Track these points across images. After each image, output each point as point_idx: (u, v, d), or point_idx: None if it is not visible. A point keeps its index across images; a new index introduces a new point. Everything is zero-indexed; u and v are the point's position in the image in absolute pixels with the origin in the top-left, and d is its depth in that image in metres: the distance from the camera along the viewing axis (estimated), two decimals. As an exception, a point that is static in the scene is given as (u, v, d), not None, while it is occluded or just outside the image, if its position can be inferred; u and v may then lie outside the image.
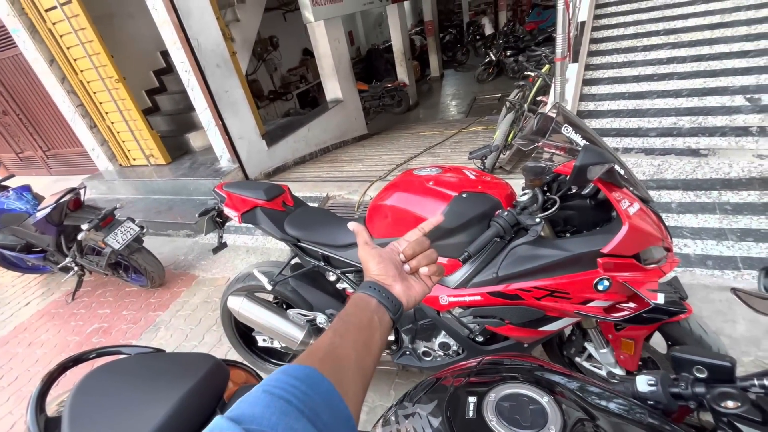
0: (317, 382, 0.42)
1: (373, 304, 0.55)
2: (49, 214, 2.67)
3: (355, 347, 0.49)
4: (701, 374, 0.68)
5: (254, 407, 0.37)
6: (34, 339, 2.94)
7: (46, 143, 6.31)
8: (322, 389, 0.41)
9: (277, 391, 0.38)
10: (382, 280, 0.58)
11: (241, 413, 0.36)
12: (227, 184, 1.75)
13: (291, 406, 0.37)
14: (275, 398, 0.38)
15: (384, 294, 0.56)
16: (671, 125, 2.91)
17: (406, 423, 0.70)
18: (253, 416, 0.35)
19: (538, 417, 0.61)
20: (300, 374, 0.41)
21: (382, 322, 0.54)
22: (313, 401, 0.39)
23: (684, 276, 2.04)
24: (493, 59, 9.48)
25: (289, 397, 0.38)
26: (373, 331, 0.52)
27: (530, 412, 0.62)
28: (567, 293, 1.16)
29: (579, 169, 0.98)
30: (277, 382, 0.40)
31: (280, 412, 0.36)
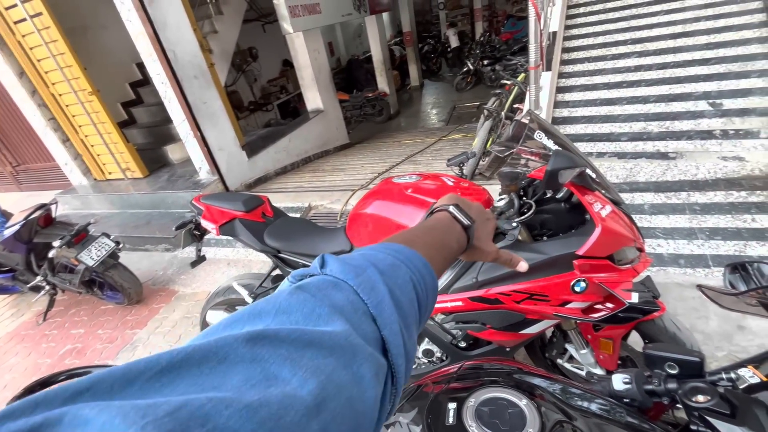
0: (414, 255, 0.40)
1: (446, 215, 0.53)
2: (18, 231, 2.56)
3: (436, 245, 0.47)
4: (673, 370, 0.70)
5: (402, 295, 0.34)
6: (3, 363, 2.79)
7: (15, 158, 6.08)
8: (416, 260, 0.40)
9: (416, 285, 0.37)
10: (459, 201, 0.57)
11: (393, 288, 0.34)
12: (205, 196, 1.73)
13: (417, 299, 0.37)
14: (413, 289, 0.36)
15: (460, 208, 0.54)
16: (641, 130, 3.03)
17: (386, 430, 0.69)
18: (400, 303, 0.33)
19: (516, 420, 0.62)
20: (395, 248, 0.40)
21: (458, 235, 0.52)
22: (414, 265, 0.39)
23: (658, 275, 2.10)
24: (471, 68, 9.69)
25: (419, 290, 0.37)
26: (451, 239, 0.51)
27: (509, 415, 0.63)
28: (545, 296, 1.18)
29: (551, 174, 1.00)
30: (417, 273, 0.38)
31: (411, 304, 0.35)
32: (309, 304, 0.28)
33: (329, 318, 0.27)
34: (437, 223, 0.52)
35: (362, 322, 0.29)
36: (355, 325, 0.28)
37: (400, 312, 0.32)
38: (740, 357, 1.62)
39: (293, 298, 0.28)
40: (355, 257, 0.36)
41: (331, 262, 0.34)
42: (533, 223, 1.30)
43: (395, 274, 0.36)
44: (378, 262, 0.36)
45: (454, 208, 0.55)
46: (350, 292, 0.31)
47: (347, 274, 0.32)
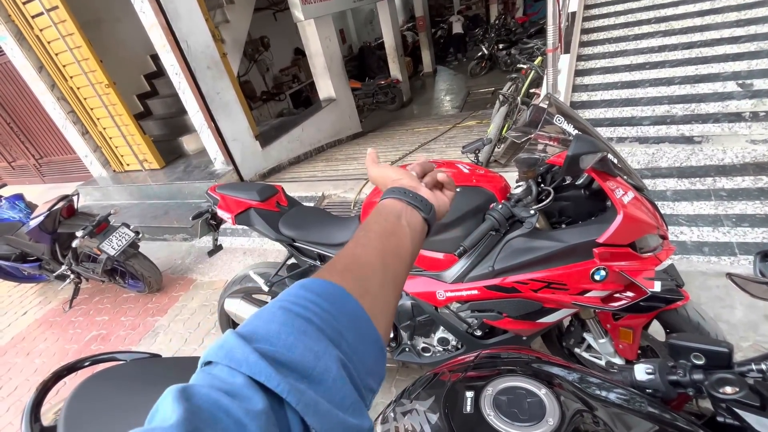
0: (340, 299, 0.36)
1: (399, 206, 0.48)
2: (42, 222, 2.65)
3: (383, 256, 0.43)
4: (699, 361, 0.67)
5: (269, 324, 0.32)
6: (32, 348, 2.92)
7: (38, 151, 6.26)
8: (347, 308, 0.36)
9: (295, 308, 0.33)
10: (406, 184, 0.51)
11: (254, 330, 0.31)
12: (220, 186, 1.74)
13: (311, 325, 0.32)
14: (293, 315, 0.33)
15: (411, 194, 0.49)
16: (664, 113, 2.91)
17: (404, 420, 0.69)
18: (268, 334, 0.31)
19: (536, 409, 0.61)
20: (321, 290, 0.36)
21: (412, 225, 0.47)
22: (336, 320, 0.34)
23: (681, 263, 2.04)
24: (486, 53, 9.47)
25: (308, 314, 0.33)
26: (403, 236, 0.46)
27: (528, 404, 0.62)
28: (564, 284, 1.15)
29: (571, 159, 0.97)
30: (295, 297, 0.35)
31: (298, 332, 0.32)
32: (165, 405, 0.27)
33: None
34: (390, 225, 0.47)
35: (226, 379, 0.28)
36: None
37: (268, 341, 0.31)
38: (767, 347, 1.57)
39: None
40: (226, 336, 0.32)
41: (202, 358, 0.32)
42: (551, 210, 1.27)
43: (257, 318, 0.33)
44: (243, 323, 0.34)
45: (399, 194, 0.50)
46: (209, 366, 0.30)
47: (205, 359, 0.31)
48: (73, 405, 0.87)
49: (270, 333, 0.31)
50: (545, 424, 0.58)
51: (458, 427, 0.61)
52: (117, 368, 1.01)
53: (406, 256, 0.45)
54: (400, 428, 0.68)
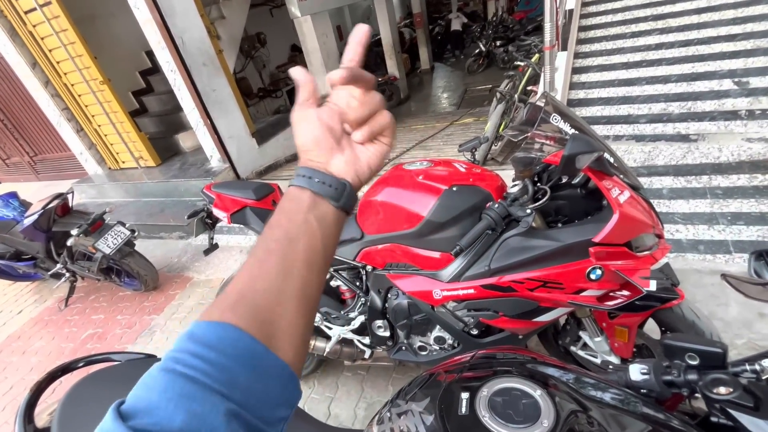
0: (231, 340, 0.33)
1: (304, 198, 0.40)
2: (37, 220, 2.62)
3: (285, 270, 0.37)
4: (693, 361, 0.68)
5: (150, 393, 0.30)
6: (28, 347, 2.91)
7: (32, 148, 6.21)
8: (239, 348, 0.33)
9: (178, 367, 0.31)
10: (312, 159, 0.42)
11: (135, 402, 0.29)
12: (216, 184, 1.73)
13: (195, 385, 0.30)
14: (175, 377, 0.30)
15: (317, 179, 0.41)
16: (661, 111, 2.92)
17: (399, 421, 0.69)
18: (149, 406, 0.29)
19: (530, 410, 0.61)
20: (208, 336, 0.33)
21: (322, 219, 0.40)
22: (227, 368, 0.32)
23: (676, 261, 2.05)
24: (483, 50, 9.45)
25: (192, 373, 0.31)
26: (311, 237, 0.39)
27: (523, 406, 0.62)
28: (560, 283, 1.16)
29: (567, 159, 0.97)
30: (180, 353, 0.32)
31: (179, 396, 0.29)
32: None
33: None
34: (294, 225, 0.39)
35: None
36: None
37: (147, 415, 0.29)
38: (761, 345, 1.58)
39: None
40: (106, 414, 0.30)
41: None
42: (548, 209, 1.27)
43: (141, 386, 0.31)
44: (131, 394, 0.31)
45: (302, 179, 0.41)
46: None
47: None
48: (67, 406, 0.86)
49: (150, 404, 0.29)
50: (540, 426, 0.58)
51: (453, 429, 0.61)
52: (112, 369, 1.01)
53: (317, 261, 0.40)
54: (395, 429, 0.68)
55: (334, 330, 1.63)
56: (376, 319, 1.53)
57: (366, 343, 1.63)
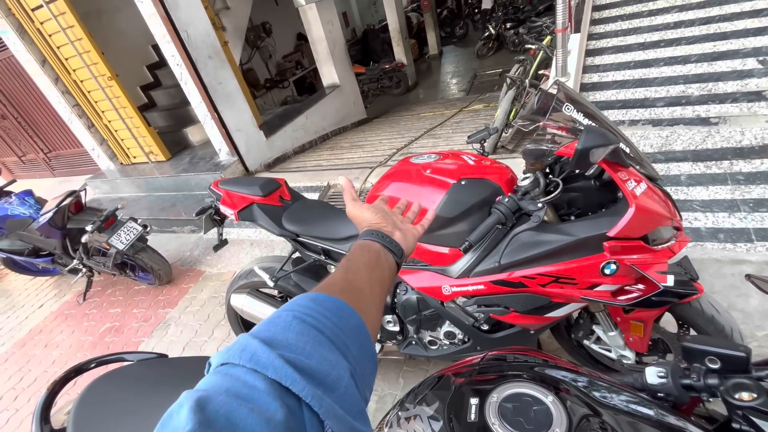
0: (347, 315, 0.40)
1: (377, 247, 0.55)
2: (52, 218, 2.67)
3: (370, 284, 0.48)
4: (714, 365, 0.65)
5: (287, 332, 0.34)
6: (50, 340, 3.00)
7: (46, 145, 6.31)
8: (352, 323, 0.39)
9: (308, 319, 0.36)
10: (381, 228, 0.59)
11: (272, 336, 0.33)
12: (223, 181, 1.73)
13: (323, 337, 0.35)
14: (307, 326, 0.35)
15: (387, 239, 0.57)
16: (679, 94, 2.80)
17: (407, 425, 0.68)
18: (287, 341, 0.33)
19: (542, 417, 0.59)
20: (330, 305, 0.39)
21: (388, 263, 0.55)
22: (344, 334, 0.37)
23: (695, 251, 1.99)
24: (493, 33, 9.20)
25: (320, 326, 0.36)
26: (383, 269, 0.53)
27: (534, 412, 0.60)
28: (573, 279, 1.12)
29: (581, 152, 0.93)
30: (307, 309, 0.37)
31: (314, 342, 0.34)
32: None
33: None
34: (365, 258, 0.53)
35: (247, 382, 0.29)
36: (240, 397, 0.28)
37: (288, 348, 0.32)
38: (784, 338, 1.53)
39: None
40: (245, 339, 0.33)
41: (212, 360, 0.33)
42: (560, 202, 1.23)
43: (273, 324, 0.35)
44: (254, 328, 0.35)
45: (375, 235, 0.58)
46: (227, 368, 0.31)
47: (219, 360, 0.32)
48: (82, 407, 0.88)
49: (289, 341, 0.33)
50: (551, 435, 0.56)
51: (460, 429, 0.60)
52: (125, 369, 1.02)
53: (386, 286, 0.52)
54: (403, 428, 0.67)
55: (344, 325, 1.63)
56: (385, 314, 1.52)
57: (376, 337, 1.62)
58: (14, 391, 2.60)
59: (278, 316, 0.36)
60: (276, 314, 0.37)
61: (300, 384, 0.29)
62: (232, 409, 0.26)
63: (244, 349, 0.31)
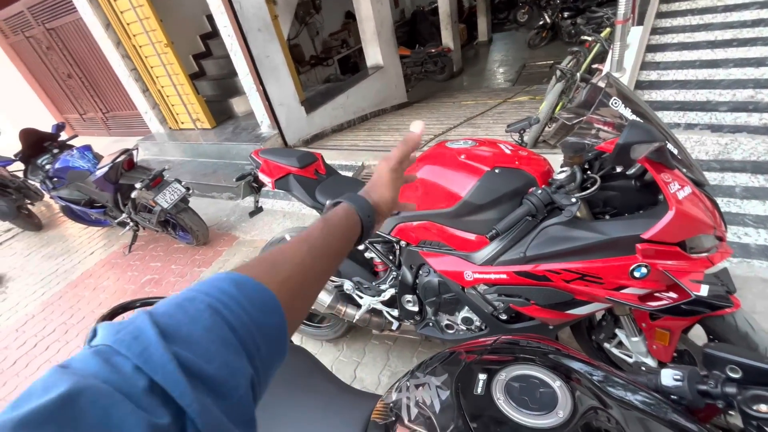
0: (270, 310, 0.35)
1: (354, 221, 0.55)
2: (107, 173, 2.89)
3: (323, 274, 0.46)
4: (735, 374, 0.63)
5: (194, 325, 0.29)
6: (98, 284, 3.28)
7: (105, 105, 6.74)
8: (273, 322, 0.35)
9: (224, 311, 0.31)
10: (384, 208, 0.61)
11: (175, 326, 0.29)
12: (263, 150, 1.80)
13: (234, 336, 0.30)
14: (220, 320, 0.30)
15: (370, 217, 0.57)
16: (747, 99, 2.58)
17: (416, 392, 0.72)
18: (190, 337, 0.28)
19: (547, 400, 0.61)
20: (255, 296, 0.34)
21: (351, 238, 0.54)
22: (260, 333, 0.33)
23: (740, 267, 1.88)
24: (548, 22, 8.75)
25: (234, 323, 0.31)
26: (344, 254, 0.52)
27: (540, 394, 0.62)
28: (599, 278, 1.10)
29: (622, 147, 0.90)
30: (227, 297, 0.32)
31: (220, 342, 0.29)
32: (40, 381, 0.24)
33: (49, 390, 0.22)
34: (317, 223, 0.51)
35: (128, 381, 0.25)
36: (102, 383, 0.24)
37: (188, 346, 0.28)
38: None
39: (30, 390, 0.23)
40: (133, 314, 0.30)
41: (99, 330, 0.29)
42: (596, 200, 1.20)
43: (181, 310, 0.30)
44: (160, 306, 0.31)
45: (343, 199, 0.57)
46: (111, 354, 0.26)
47: (106, 337, 0.27)
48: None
49: (192, 336, 0.29)
50: (554, 416, 0.58)
51: (466, 407, 0.63)
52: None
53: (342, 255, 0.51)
54: (411, 399, 0.71)
55: (365, 299, 1.68)
56: (406, 294, 1.56)
57: (394, 315, 1.67)
58: (65, 325, 2.88)
59: (192, 299, 0.32)
60: (191, 295, 0.32)
61: (189, 397, 0.25)
62: (112, 404, 0.23)
63: (137, 338, 0.27)
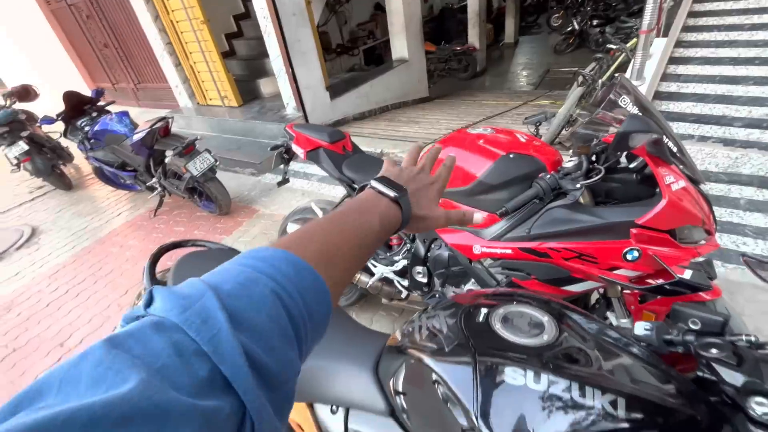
0: (322, 302, 0.34)
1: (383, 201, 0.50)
2: (144, 137, 3.08)
3: (359, 251, 0.42)
4: (695, 326, 0.77)
5: (260, 312, 0.28)
6: (124, 243, 3.49)
7: (137, 77, 6.97)
8: (323, 313, 0.34)
9: (286, 299, 0.30)
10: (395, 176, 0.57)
11: (243, 312, 0.27)
12: (296, 124, 1.95)
13: (291, 327, 0.30)
14: (282, 309, 0.29)
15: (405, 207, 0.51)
16: (762, 116, 2.65)
17: (427, 321, 0.86)
18: (256, 326, 0.27)
19: (536, 328, 0.75)
20: (310, 281, 0.33)
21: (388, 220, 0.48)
22: (311, 323, 0.32)
23: (734, 273, 1.97)
24: (576, 28, 8.72)
25: (294, 312, 0.30)
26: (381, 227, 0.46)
27: (530, 325, 0.76)
28: (594, 258, 1.23)
29: (622, 136, 1.02)
30: (287, 281, 0.31)
31: (281, 333, 0.29)
32: (102, 364, 0.21)
33: (123, 376, 0.20)
34: (356, 204, 0.47)
35: (190, 365, 0.23)
36: (168, 374, 0.22)
37: (253, 335, 0.26)
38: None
39: (86, 361, 0.21)
40: (194, 283, 0.29)
41: (158, 297, 0.27)
42: (599, 189, 1.32)
43: (247, 292, 0.29)
44: (223, 282, 0.29)
45: (376, 181, 0.51)
46: (174, 331, 0.24)
47: (171, 310, 0.26)
48: (178, 268, 1.14)
49: (257, 325, 0.27)
50: (540, 339, 0.72)
51: (468, 330, 0.77)
52: (205, 252, 1.28)
53: (374, 249, 0.46)
54: (423, 326, 0.85)
55: (378, 268, 1.83)
56: (417, 265, 1.70)
57: (405, 285, 1.81)
58: (95, 276, 3.09)
59: (256, 280, 0.30)
60: (253, 275, 0.30)
61: (252, 393, 0.24)
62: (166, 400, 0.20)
63: (206, 322, 0.25)
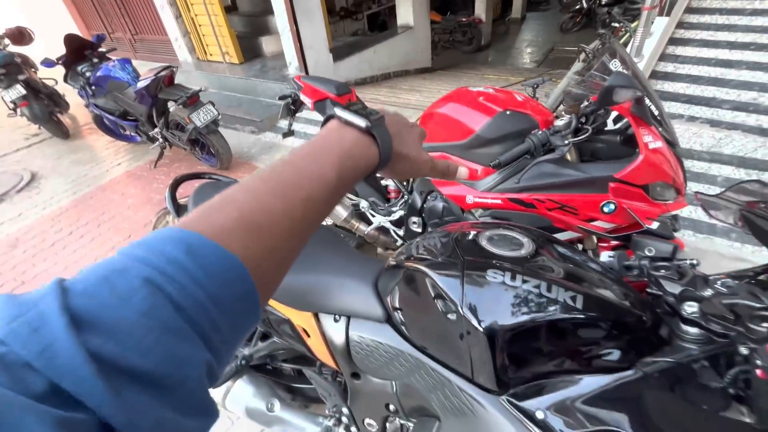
0: (236, 282, 0.26)
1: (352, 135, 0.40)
2: (148, 85, 3.09)
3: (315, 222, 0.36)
4: (650, 253, 0.91)
5: (124, 307, 0.22)
6: (125, 191, 3.56)
7: (135, 27, 6.77)
8: (237, 291, 0.26)
9: (168, 288, 0.23)
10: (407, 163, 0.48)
11: (97, 310, 0.21)
12: (304, 76, 2.01)
13: (180, 317, 0.23)
14: (161, 300, 0.23)
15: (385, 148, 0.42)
16: (749, 100, 2.76)
17: (424, 242, 0.99)
18: (118, 325, 0.21)
19: (516, 245, 0.88)
20: (213, 264, 0.25)
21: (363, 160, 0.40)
22: (219, 308, 0.25)
23: (703, 242, 2.14)
24: (584, 6, 8.61)
25: (183, 301, 0.23)
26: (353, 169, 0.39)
27: (513, 244, 0.89)
28: (575, 209, 1.36)
29: (606, 90, 1.13)
30: (173, 267, 0.24)
31: (161, 328, 0.22)
32: None
33: None
34: (308, 149, 0.37)
35: (20, 380, 0.18)
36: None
37: (113, 337, 0.20)
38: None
39: None
40: (45, 284, 0.22)
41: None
42: (585, 149, 1.44)
43: (108, 286, 0.22)
44: (83, 279, 0.23)
45: (342, 109, 0.40)
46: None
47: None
48: (197, 194, 1.25)
49: (121, 324, 0.21)
50: (518, 252, 0.85)
51: (460, 246, 0.90)
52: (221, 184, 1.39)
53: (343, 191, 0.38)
54: (419, 246, 0.98)
55: (376, 218, 1.96)
56: (412, 216, 1.83)
57: (400, 234, 1.95)
58: (97, 220, 3.18)
59: (123, 270, 0.23)
60: (121, 264, 0.23)
61: (111, 407, 0.19)
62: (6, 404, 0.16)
63: (37, 331, 0.19)
